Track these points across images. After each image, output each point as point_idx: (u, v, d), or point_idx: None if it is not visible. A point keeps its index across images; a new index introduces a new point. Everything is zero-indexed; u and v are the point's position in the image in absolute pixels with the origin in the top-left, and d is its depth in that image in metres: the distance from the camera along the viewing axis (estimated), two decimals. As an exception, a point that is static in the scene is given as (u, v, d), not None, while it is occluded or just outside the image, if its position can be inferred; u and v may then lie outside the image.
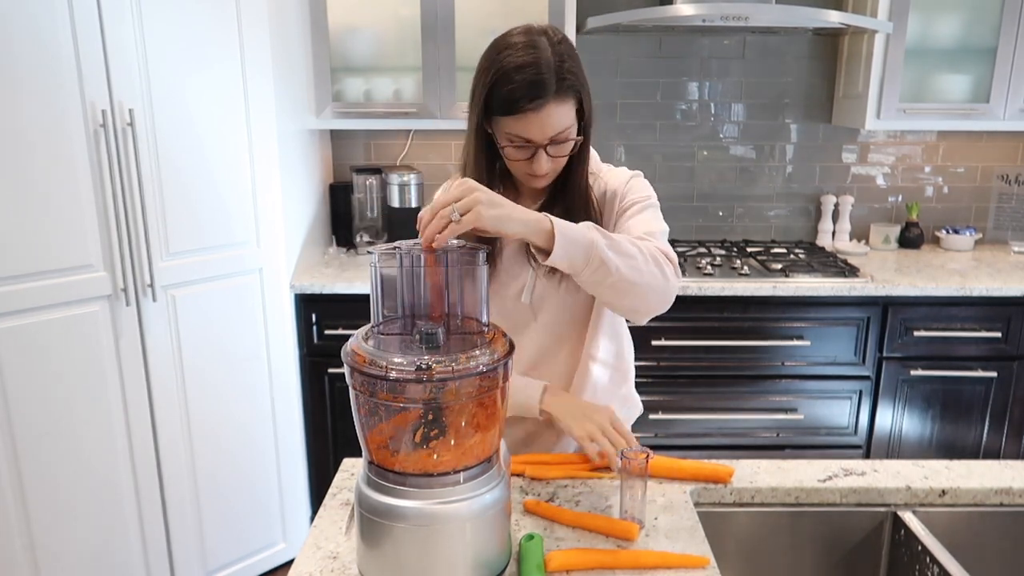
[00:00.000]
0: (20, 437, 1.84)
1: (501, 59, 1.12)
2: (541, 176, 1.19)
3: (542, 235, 1.02)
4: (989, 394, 2.51)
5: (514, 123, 1.13)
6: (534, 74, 1.10)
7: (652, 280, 1.09)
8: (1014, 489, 1.22)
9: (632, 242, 1.10)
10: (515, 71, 1.10)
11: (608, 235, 1.07)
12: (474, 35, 2.49)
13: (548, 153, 1.16)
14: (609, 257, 1.04)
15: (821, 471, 1.26)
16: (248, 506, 2.32)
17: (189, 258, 2.05)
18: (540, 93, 1.10)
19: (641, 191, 1.26)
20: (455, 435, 0.92)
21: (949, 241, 2.94)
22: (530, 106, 1.10)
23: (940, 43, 2.62)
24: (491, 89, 1.13)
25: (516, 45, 1.12)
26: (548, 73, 1.10)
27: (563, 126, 1.14)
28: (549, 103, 1.11)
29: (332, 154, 2.92)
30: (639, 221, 1.22)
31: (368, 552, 0.96)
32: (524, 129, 1.13)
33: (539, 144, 1.14)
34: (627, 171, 1.31)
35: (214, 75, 2.02)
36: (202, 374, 2.13)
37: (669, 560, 1.02)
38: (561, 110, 1.13)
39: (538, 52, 1.11)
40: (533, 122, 1.12)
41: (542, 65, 1.10)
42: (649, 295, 1.11)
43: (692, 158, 2.97)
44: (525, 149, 1.16)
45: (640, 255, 1.08)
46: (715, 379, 2.51)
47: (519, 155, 1.17)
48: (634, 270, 1.07)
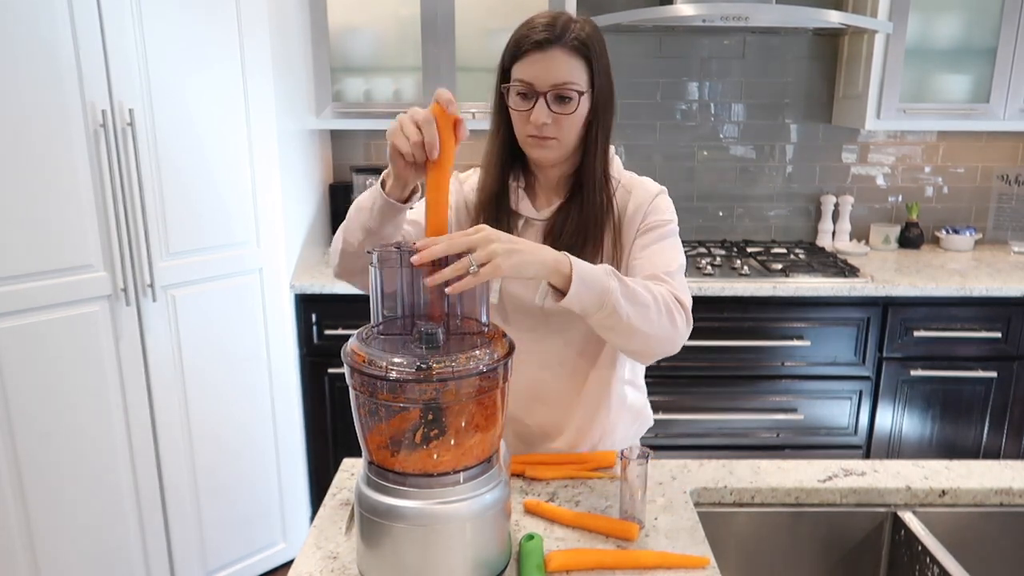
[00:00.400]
0: (20, 437, 1.84)
1: (524, 23, 1.18)
2: (542, 139, 1.17)
3: (560, 277, 1.01)
4: (989, 394, 2.51)
5: (520, 68, 1.16)
6: (546, 24, 1.14)
7: (661, 331, 1.09)
8: (1014, 489, 1.22)
9: (648, 289, 1.09)
10: (531, 23, 1.16)
11: (624, 281, 1.06)
12: (474, 35, 2.49)
13: (549, 106, 1.15)
14: (622, 306, 1.03)
15: (821, 471, 1.26)
16: (248, 506, 2.32)
17: (189, 258, 2.05)
18: (548, 36, 1.13)
19: (663, 213, 1.25)
20: (455, 435, 0.92)
21: (949, 241, 2.94)
22: (537, 41, 1.13)
23: (940, 43, 2.62)
24: (508, 46, 1.17)
25: (542, 14, 1.18)
26: (561, 27, 1.14)
27: (566, 78, 1.14)
28: (554, 47, 1.13)
29: (332, 154, 2.92)
30: (659, 253, 1.20)
31: (368, 552, 0.96)
32: (526, 72, 1.15)
33: (540, 91, 1.15)
34: (653, 184, 1.28)
35: (214, 75, 2.02)
36: (202, 374, 2.13)
37: (669, 560, 1.02)
38: (567, 61, 1.14)
39: (559, 17, 1.16)
40: (536, 63, 1.14)
41: (556, 18, 1.15)
42: (656, 344, 1.11)
43: (692, 158, 2.97)
44: (527, 99, 1.16)
45: (654, 304, 1.08)
46: (715, 379, 2.51)
47: (522, 105, 1.17)
48: (645, 320, 1.06)
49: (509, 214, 1.27)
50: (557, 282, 1.01)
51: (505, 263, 0.95)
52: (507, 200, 1.27)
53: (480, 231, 0.96)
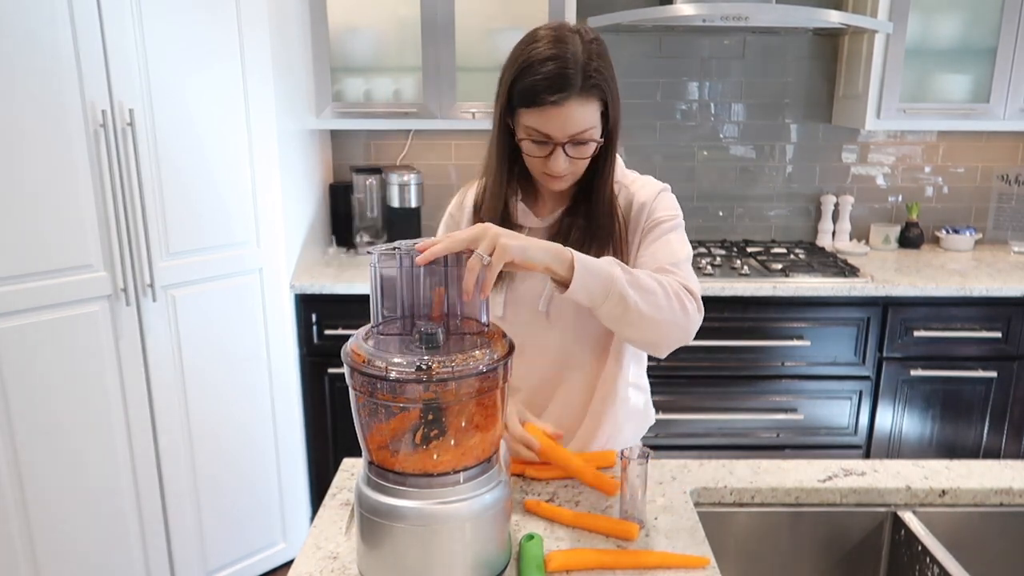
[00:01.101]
0: (20, 437, 1.84)
1: (528, 51, 1.10)
2: (558, 177, 1.17)
3: (563, 265, 1.00)
4: (989, 394, 2.51)
5: (534, 117, 1.11)
6: (559, 67, 1.07)
7: (672, 316, 1.07)
8: (1014, 489, 1.22)
9: (653, 277, 1.08)
10: (540, 63, 1.08)
11: (629, 270, 1.05)
12: (474, 35, 2.49)
13: (567, 153, 1.13)
14: (628, 293, 1.02)
15: (821, 471, 1.26)
16: (248, 506, 2.32)
17: (189, 258, 2.05)
18: (563, 87, 1.08)
19: (668, 209, 1.24)
20: (455, 435, 0.92)
21: (949, 241, 2.94)
22: (552, 99, 1.08)
23: (940, 43, 2.62)
24: (515, 80, 1.11)
25: (545, 38, 1.10)
26: (574, 69, 1.08)
27: (584, 126, 1.11)
28: (572, 99, 1.08)
29: (332, 154, 2.92)
30: (664, 246, 1.19)
31: (368, 552, 0.96)
32: (544, 124, 1.11)
33: (558, 141, 1.12)
34: (655, 183, 1.28)
35: (214, 75, 2.02)
36: (202, 374, 2.13)
37: (669, 560, 1.02)
38: (584, 109, 1.10)
39: (567, 47, 1.09)
40: (554, 117, 1.10)
41: (568, 60, 1.08)
42: (669, 331, 1.10)
43: (692, 158, 2.97)
44: (544, 146, 1.13)
45: (661, 290, 1.06)
46: (715, 379, 2.51)
47: (537, 152, 1.15)
48: (654, 306, 1.05)
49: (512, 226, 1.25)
50: (561, 270, 1.00)
51: (511, 244, 0.94)
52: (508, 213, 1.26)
53: (476, 227, 0.96)
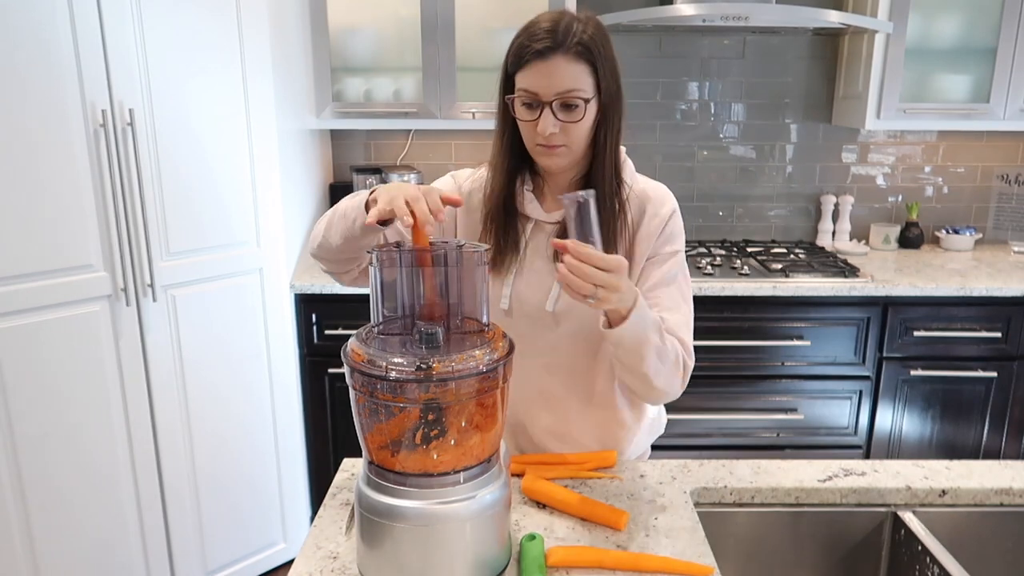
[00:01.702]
0: (20, 437, 1.84)
1: (527, 25, 1.16)
2: (551, 148, 1.16)
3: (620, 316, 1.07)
4: (989, 394, 2.51)
5: (524, 77, 1.14)
6: (548, 30, 1.12)
7: (664, 386, 1.17)
8: (1014, 489, 1.22)
9: (675, 349, 1.16)
10: (534, 27, 1.14)
11: (664, 339, 1.13)
12: (474, 35, 2.49)
13: (555, 114, 1.14)
14: (650, 357, 1.11)
15: (821, 471, 1.26)
16: (248, 506, 2.32)
17: (189, 258, 2.05)
18: (550, 44, 1.11)
19: (672, 242, 1.25)
20: (455, 435, 0.92)
21: (949, 241, 2.94)
22: (537, 52, 1.11)
23: (940, 43, 2.62)
24: (511, 50, 1.15)
25: (545, 15, 1.16)
26: (563, 32, 1.11)
27: (570, 85, 1.12)
28: (557, 55, 1.11)
29: (332, 154, 2.92)
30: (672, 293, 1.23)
31: (368, 552, 0.96)
32: (530, 81, 1.13)
33: (545, 99, 1.13)
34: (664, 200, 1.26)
35: (214, 75, 2.02)
36: (202, 374, 2.13)
37: (671, 566, 1.01)
38: (570, 68, 1.12)
39: (563, 18, 1.14)
40: (539, 72, 1.12)
41: (561, 24, 1.12)
42: (656, 395, 1.20)
43: (692, 158, 2.97)
44: (533, 109, 1.15)
45: (671, 363, 1.15)
46: (715, 379, 2.51)
47: (527, 115, 1.16)
48: (658, 375, 1.14)
49: (517, 217, 1.26)
50: (613, 318, 1.09)
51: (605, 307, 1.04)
52: (515, 204, 1.26)
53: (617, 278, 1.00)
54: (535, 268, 1.26)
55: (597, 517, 1.11)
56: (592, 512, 1.11)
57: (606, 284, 0.99)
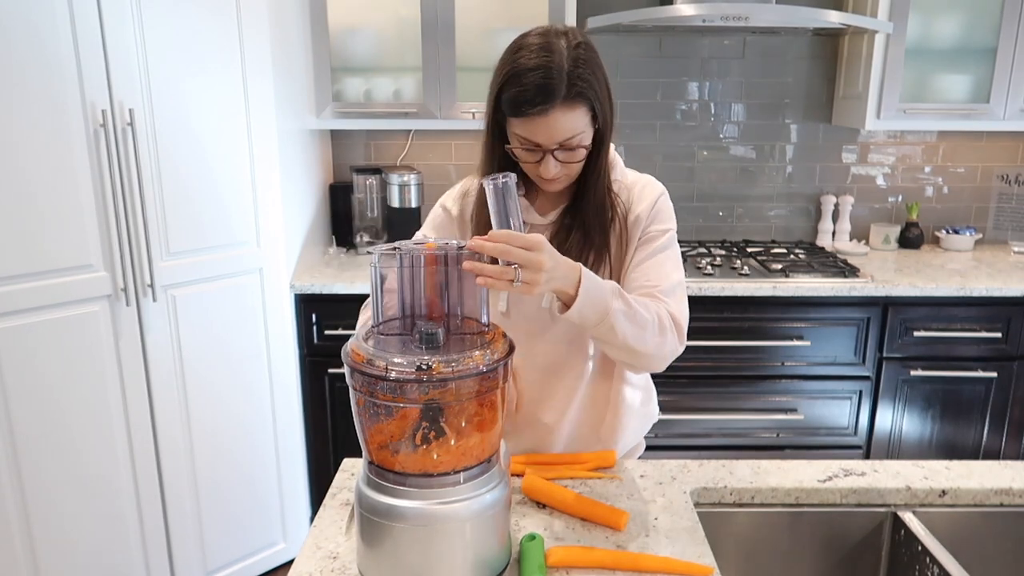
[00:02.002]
0: (20, 437, 1.84)
1: (514, 59, 1.11)
2: (551, 180, 1.18)
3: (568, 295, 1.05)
4: (989, 394, 2.51)
5: (522, 126, 1.12)
6: (543, 77, 1.08)
7: (652, 351, 1.13)
8: (1014, 489, 1.22)
9: (648, 309, 1.12)
10: (525, 73, 1.09)
11: (629, 302, 1.09)
12: (474, 35, 2.49)
13: (556, 158, 1.14)
14: (620, 325, 1.08)
15: (821, 471, 1.26)
16: (248, 506, 2.32)
17: (189, 258, 2.05)
18: (547, 98, 1.08)
19: (665, 220, 1.25)
20: (455, 435, 0.92)
21: (949, 241, 2.94)
22: (535, 110, 1.09)
23: (940, 43, 2.62)
24: (501, 90, 1.12)
25: (531, 46, 1.10)
26: (558, 78, 1.08)
27: (571, 132, 1.12)
28: (556, 108, 1.09)
29: (332, 154, 2.92)
30: (657, 266, 1.21)
31: (368, 552, 0.96)
32: (531, 133, 1.12)
33: (547, 149, 1.13)
34: (655, 185, 1.28)
35: (214, 75, 2.02)
36: (202, 374, 2.13)
37: (671, 566, 1.01)
38: (569, 116, 1.11)
39: (551, 55, 1.09)
40: (540, 126, 1.11)
41: (553, 69, 1.08)
42: (644, 362, 1.17)
43: (692, 158, 2.97)
44: (534, 152, 1.15)
45: (651, 325, 1.12)
46: (715, 379, 2.51)
47: (528, 158, 1.16)
48: (639, 340, 1.10)
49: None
50: (563, 299, 1.06)
51: (537, 291, 1.00)
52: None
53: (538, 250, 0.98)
54: None
55: (597, 517, 1.11)
56: (592, 512, 1.11)
57: (527, 263, 0.97)
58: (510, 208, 1.02)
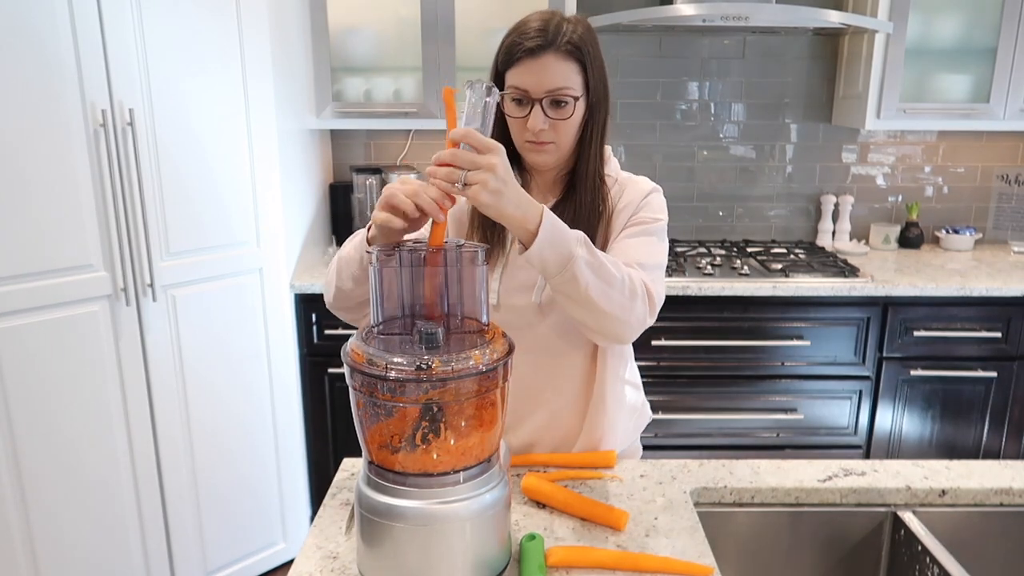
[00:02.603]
0: (20, 437, 1.84)
1: (518, 24, 1.18)
2: (540, 144, 1.18)
3: (526, 233, 1.01)
4: (989, 394, 2.51)
5: (513, 74, 1.16)
6: (538, 29, 1.14)
7: (619, 312, 1.08)
8: (1014, 489, 1.22)
9: (618, 267, 1.08)
10: (523, 27, 1.16)
11: (595, 253, 1.06)
12: (474, 35, 2.49)
13: (545, 111, 1.16)
14: (583, 274, 1.04)
15: (821, 471, 1.26)
16: (248, 506, 2.32)
17: (189, 258, 2.05)
18: (541, 42, 1.13)
19: (655, 211, 1.25)
20: (455, 435, 0.92)
21: (949, 241, 2.94)
22: (528, 49, 1.13)
23: (940, 43, 2.62)
24: (500, 50, 1.17)
25: (534, 17, 1.18)
26: (553, 31, 1.14)
27: (560, 83, 1.15)
28: (547, 53, 1.13)
29: (332, 154, 2.92)
30: (640, 245, 1.20)
31: (368, 552, 0.96)
32: (522, 78, 1.15)
33: (535, 97, 1.15)
34: (647, 183, 1.28)
35: (214, 75, 2.02)
36: (202, 374, 2.13)
37: (671, 566, 1.01)
38: (560, 65, 1.14)
39: (552, 18, 1.16)
40: (530, 70, 1.14)
41: (548, 22, 1.15)
42: (609, 324, 1.10)
43: (692, 158, 2.97)
44: (523, 105, 1.17)
45: (618, 283, 1.07)
46: (715, 379, 2.51)
47: (517, 111, 1.18)
48: (603, 295, 1.06)
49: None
50: (523, 237, 1.02)
51: (485, 198, 0.96)
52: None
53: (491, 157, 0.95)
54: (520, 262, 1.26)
55: (597, 517, 1.11)
56: (592, 512, 1.11)
57: (476, 164, 0.94)
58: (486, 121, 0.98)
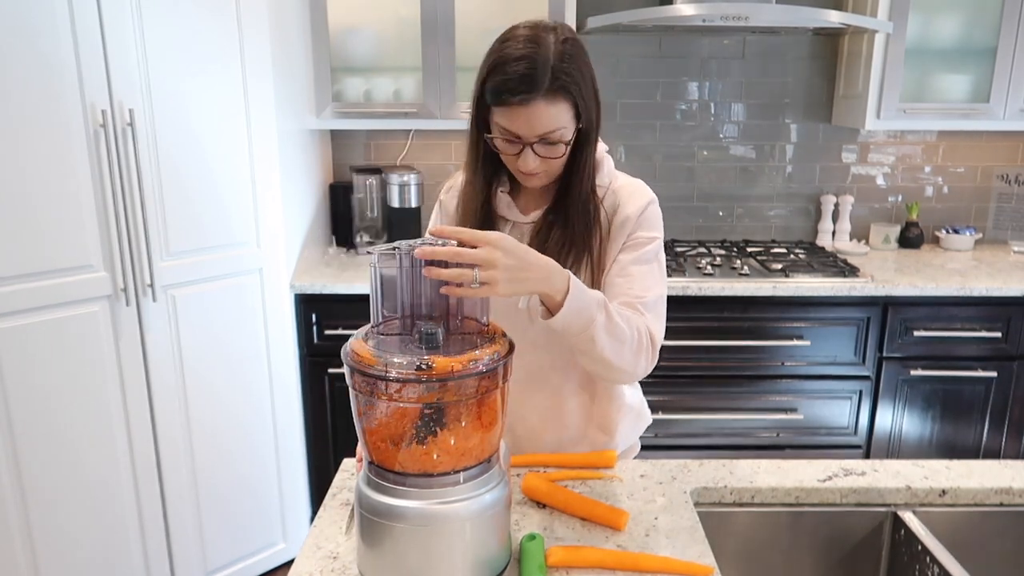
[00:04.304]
0: (20, 437, 1.84)
1: (500, 49, 1.11)
2: (531, 175, 1.18)
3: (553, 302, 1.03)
4: (989, 394, 2.51)
5: (503, 116, 1.12)
6: (527, 68, 1.07)
7: (626, 367, 1.12)
8: (1014, 489, 1.22)
9: (630, 324, 1.11)
10: (509, 62, 1.08)
11: (611, 314, 1.08)
12: (474, 35, 2.49)
13: (536, 152, 1.14)
14: (600, 337, 1.06)
15: (821, 471, 1.26)
16: (248, 506, 2.32)
17: (189, 258, 2.05)
18: (529, 88, 1.07)
19: (652, 228, 1.24)
20: (455, 435, 0.92)
21: (949, 241, 2.94)
22: (517, 99, 1.08)
23: (940, 43, 2.62)
24: (486, 78, 1.11)
25: (518, 37, 1.11)
26: (542, 70, 1.07)
27: (552, 126, 1.11)
28: (538, 100, 1.08)
29: (332, 154, 2.92)
30: (640, 278, 1.19)
31: (368, 552, 0.96)
32: (512, 123, 1.12)
33: (527, 141, 1.13)
34: (644, 192, 1.26)
35: (214, 75, 2.02)
36: (202, 374, 2.13)
37: (671, 566, 1.01)
38: (551, 110, 1.10)
39: (537, 47, 1.08)
40: (521, 117, 1.10)
41: (538, 60, 1.08)
42: (616, 376, 1.15)
43: (692, 158, 2.97)
44: (514, 144, 1.14)
45: (629, 342, 1.10)
46: (715, 379, 2.51)
47: (508, 150, 1.16)
48: (616, 354, 1.09)
49: (495, 220, 1.27)
50: (549, 305, 1.04)
51: (505, 289, 0.95)
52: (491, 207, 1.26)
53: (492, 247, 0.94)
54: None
55: (597, 517, 1.11)
56: (592, 512, 1.11)
57: (479, 261, 0.93)
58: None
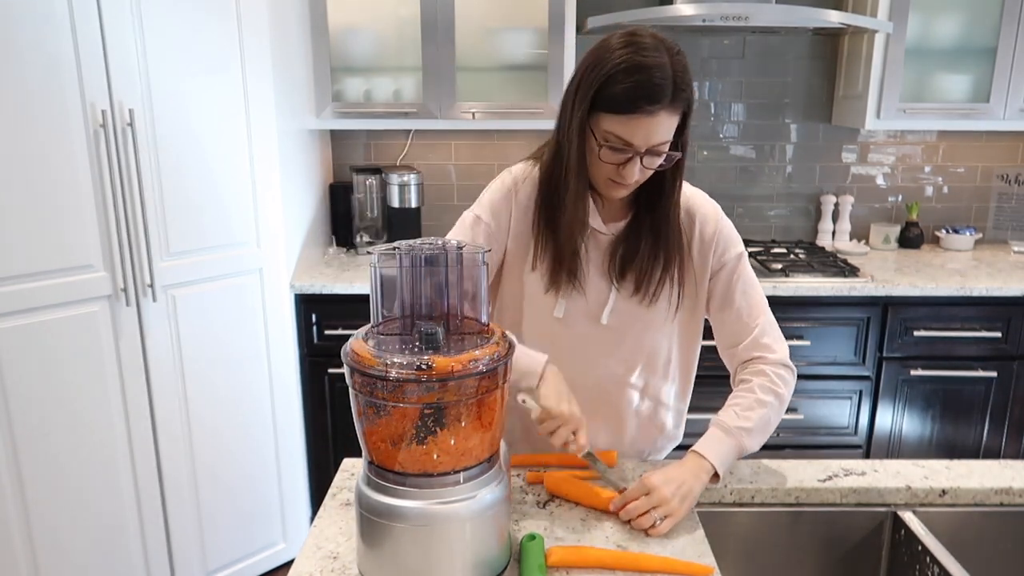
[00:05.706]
0: (20, 437, 1.84)
1: (615, 57, 1.07)
2: (626, 185, 1.15)
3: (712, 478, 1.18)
4: (989, 394, 2.51)
5: (619, 124, 1.08)
6: (659, 77, 1.05)
7: (781, 415, 1.26)
8: (1014, 489, 1.22)
9: (768, 401, 1.23)
10: (631, 70, 1.06)
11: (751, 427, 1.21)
12: (474, 35, 2.49)
13: (643, 162, 1.11)
14: (758, 442, 1.22)
15: (821, 471, 1.26)
16: (248, 506, 2.32)
17: (189, 258, 2.05)
18: (658, 97, 1.06)
19: (735, 243, 1.27)
20: (455, 435, 0.92)
21: (949, 241, 2.94)
22: (647, 108, 1.06)
23: (940, 43, 2.62)
24: (602, 86, 1.08)
25: (644, 44, 1.07)
26: (667, 80, 1.06)
27: (666, 137, 1.10)
28: (663, 110, 1.07)
29: (332, 154, 2.92)
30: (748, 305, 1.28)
31: (368, 552, 0.96)
32: (629, 132, 1.08)
33: (638, 151, 1.10)
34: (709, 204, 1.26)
35: (214, 75, 2.02)
36: (202, 374, 2.13)
37: (671, 566, 1.01)
38: (670, 120, 1.09)
39: (661, 56, 1.07)
40: (641, 126, 1.08)
41: (666, 69, 1.06)
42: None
43: (692, 158, 2.97)
44: (621, 153, 1.11)
45: (776, 411, 1.24)
46: (715, 379, 2.50)
47: (613, 158, 1.12)
48: (772, 427, 1.24)
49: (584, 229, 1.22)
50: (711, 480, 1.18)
51: (683, 510, 1.11)
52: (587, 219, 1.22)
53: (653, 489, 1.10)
54: (589, 278, 1.25)
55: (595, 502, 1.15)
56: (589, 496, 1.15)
57: (656, 504, 1.08)
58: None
